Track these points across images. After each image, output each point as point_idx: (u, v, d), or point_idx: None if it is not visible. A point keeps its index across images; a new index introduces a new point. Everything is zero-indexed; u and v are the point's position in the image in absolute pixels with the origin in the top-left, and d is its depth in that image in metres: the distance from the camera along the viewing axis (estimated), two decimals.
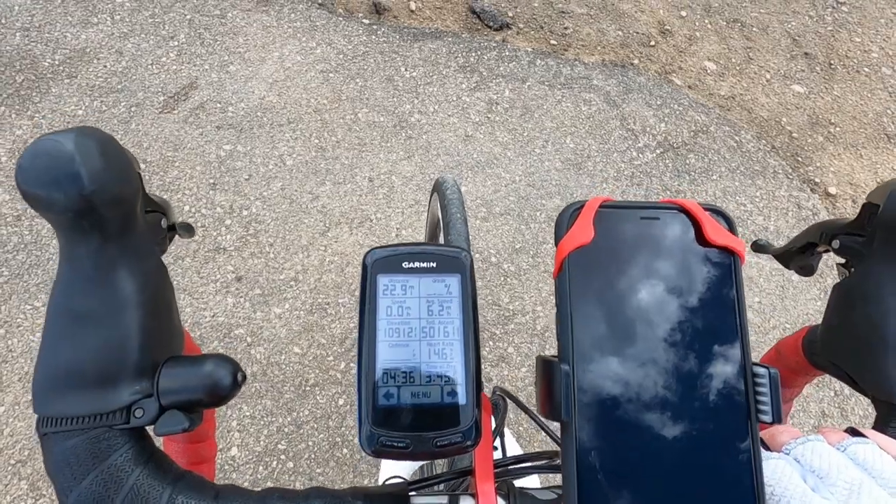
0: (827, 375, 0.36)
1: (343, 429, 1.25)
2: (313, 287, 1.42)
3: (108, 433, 0.24)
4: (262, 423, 1.24)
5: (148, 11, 1.75)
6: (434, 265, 0.26)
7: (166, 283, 0.28)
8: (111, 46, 1.67)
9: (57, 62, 1.61)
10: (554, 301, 0.24)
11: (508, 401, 0.46)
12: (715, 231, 0.24)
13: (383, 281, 0.26)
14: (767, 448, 0.24)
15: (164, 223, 0.30)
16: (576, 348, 0.22)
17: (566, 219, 0.24)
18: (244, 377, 0.27)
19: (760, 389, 0.23)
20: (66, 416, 0.24)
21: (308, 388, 1.30)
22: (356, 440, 1.23)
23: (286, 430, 1.23)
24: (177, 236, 0.35)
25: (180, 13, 1.77)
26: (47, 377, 0.24)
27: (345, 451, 1.22)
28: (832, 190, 1.88)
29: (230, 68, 1.71)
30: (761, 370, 0.23)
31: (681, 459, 0.22)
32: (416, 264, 0.26)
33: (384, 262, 0.26)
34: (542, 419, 0.49)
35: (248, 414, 1.25)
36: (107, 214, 0.24)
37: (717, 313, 0.23)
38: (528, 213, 1.62)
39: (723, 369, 0.23)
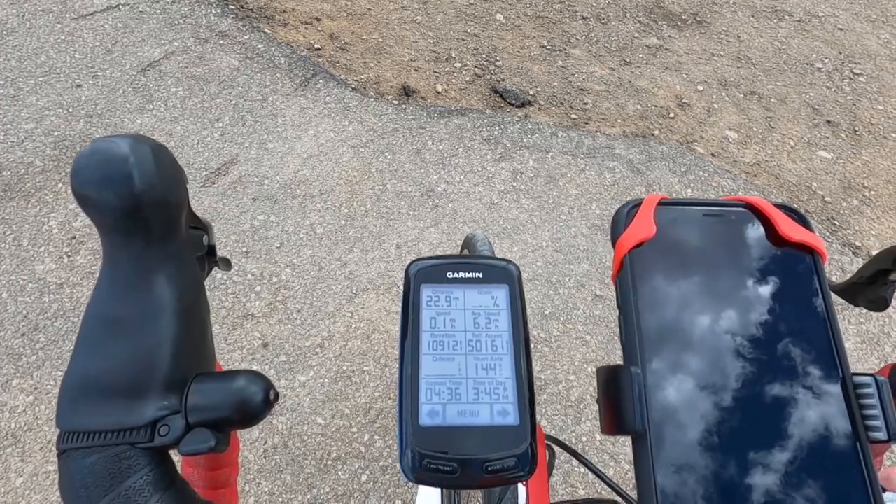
0: None
1: None
2: (338, 354, 1.39)
3: (130, 451, 0.22)
4: (280, 500, 1.17)
5: (198, 98, 1.92)
6: (480, 276, 0.25)
7: (202, 298, 0.27)
8: (162, 129, 1.81)
9: None
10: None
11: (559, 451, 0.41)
12: (790, 228, 0.22)
13: (427, 292, 0.25)
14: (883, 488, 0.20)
15: (205, 240, 0.30)
16: (644, 349, 0.20)
17: (624, 216, 0.23)
18: (276, 395, 0.25)
19: (867, 402, 0.19)
20: (89, 430, 0.22)
21: (330, 463, 1.23)
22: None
23: None
24: (215, 268, 0.34)
25: (226, 99, 1.93)
26: (73, 389, 0.23)
27: None
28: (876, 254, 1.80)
29: (268, 146, 1.82)
30: (865, 379, 0.20)
31: (774, 481, 0.18)
32: (461, 274, 0.25)
33: (428, 271, 0.25)
34: (602, 472, 0.44)
35: (266, 490, 1.18)
36: (152, 217, 0.24)
37: (802, 317, 0.21)
38: (557, 278, 1.59)
39: (816, 378, 0.20)
